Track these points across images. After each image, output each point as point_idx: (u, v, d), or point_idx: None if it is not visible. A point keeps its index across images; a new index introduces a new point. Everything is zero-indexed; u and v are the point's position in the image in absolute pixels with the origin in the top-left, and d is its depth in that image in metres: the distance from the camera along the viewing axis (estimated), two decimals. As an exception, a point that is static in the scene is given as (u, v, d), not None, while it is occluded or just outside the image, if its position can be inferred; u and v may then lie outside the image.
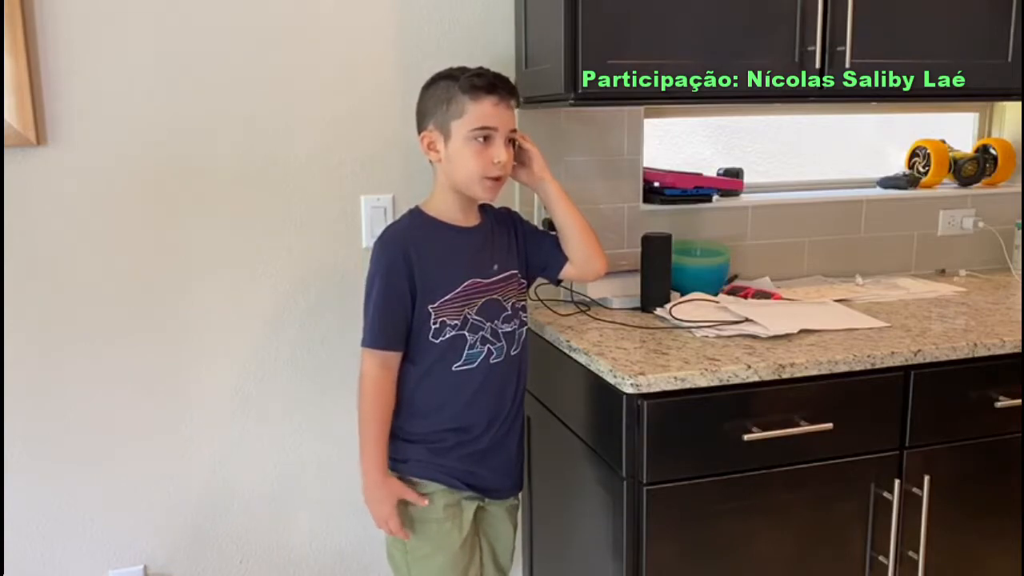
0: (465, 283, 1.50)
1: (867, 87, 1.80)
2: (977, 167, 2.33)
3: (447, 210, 1.54)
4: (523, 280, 1.61)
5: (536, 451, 1.91)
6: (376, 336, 1.48)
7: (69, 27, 1.67)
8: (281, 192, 1.85)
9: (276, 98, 1.81)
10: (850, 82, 1.77)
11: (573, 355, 1.65)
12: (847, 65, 1.74)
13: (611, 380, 1.49)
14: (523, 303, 1.60)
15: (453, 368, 1.51)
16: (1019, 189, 2.36)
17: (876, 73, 1.79)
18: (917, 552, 1.67)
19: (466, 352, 1.51)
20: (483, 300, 1.52)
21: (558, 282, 1.70)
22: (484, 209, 1.59)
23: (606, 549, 1.60)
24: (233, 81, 1.78)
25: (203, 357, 1.86)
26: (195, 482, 1.90)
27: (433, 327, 1.49)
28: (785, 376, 1.52)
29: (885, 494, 1.63)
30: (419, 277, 1.48)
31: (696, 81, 1.70)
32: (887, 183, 2.34)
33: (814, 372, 1.54)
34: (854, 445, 1.62)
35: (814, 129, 2.36)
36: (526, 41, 1.86)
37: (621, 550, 1.54)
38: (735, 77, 1.72)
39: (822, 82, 1.76)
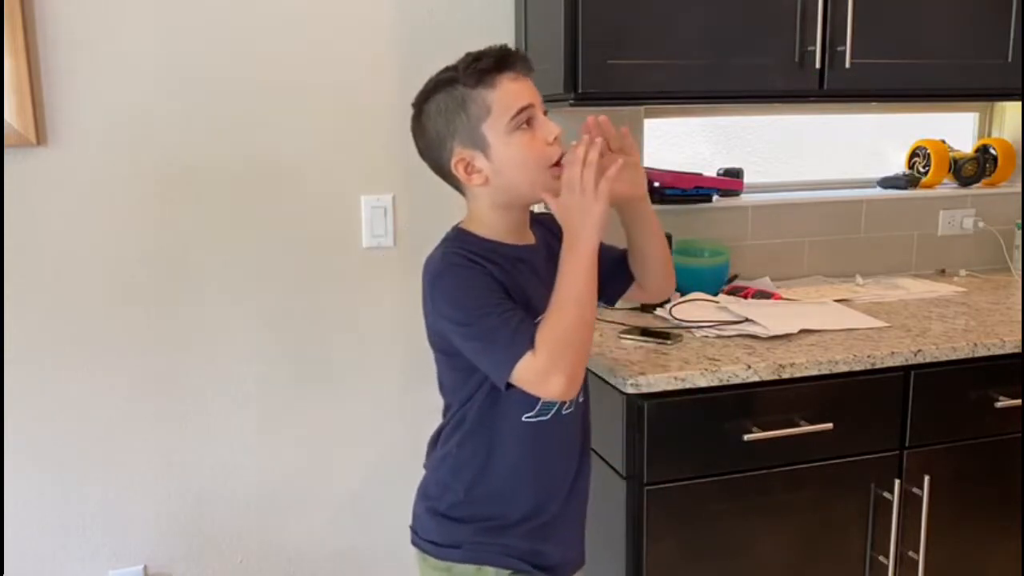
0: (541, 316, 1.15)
1: (867, 87, 1.80)
2: (977, 167, 2.33)
3: (502, 231, 1.22)
4: None
5: (536, 451, 1.91)
6: (517, 342, 1.10)
7: (69, 27, 1.67)
8: (281, 192, 1.85)
9: (276, 98, 1.81)
10: (850, 82, 1.77)
11: (573, 355, 1.65)
12: (847, 65, 1.74)
13: (611, 380, 1.49)
14: None
15: (523, 419, 1.23)
16: (1019, 189, 2.36)
17: (876, 73, 1.79)
18: (917, 552, 1.67)
19: (541, 401, 1.22)
20: None
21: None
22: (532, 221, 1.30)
23: (606, 549, 1.60)
24: (233, 81, 1.78)
25: (203, 357, 1.86)
26: (195, 482, 1.90)
27: None
28: (785, 376, 1.52)
29: (885, 494, 1.63)
30: None
31: (696, 81, 1.70)
32: (887, 183, 2.34)
33: (814, 372, 1.54)
34: (854, 445, 1.62)
35: (814, 129, 2.36)
36: (526, 41, 1.86)
37: (621, 550, 1.54)
38: (735, 77, 1.72)
39: (822, 82, 1.76)
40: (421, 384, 1.97)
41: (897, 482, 1.63)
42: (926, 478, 1.64)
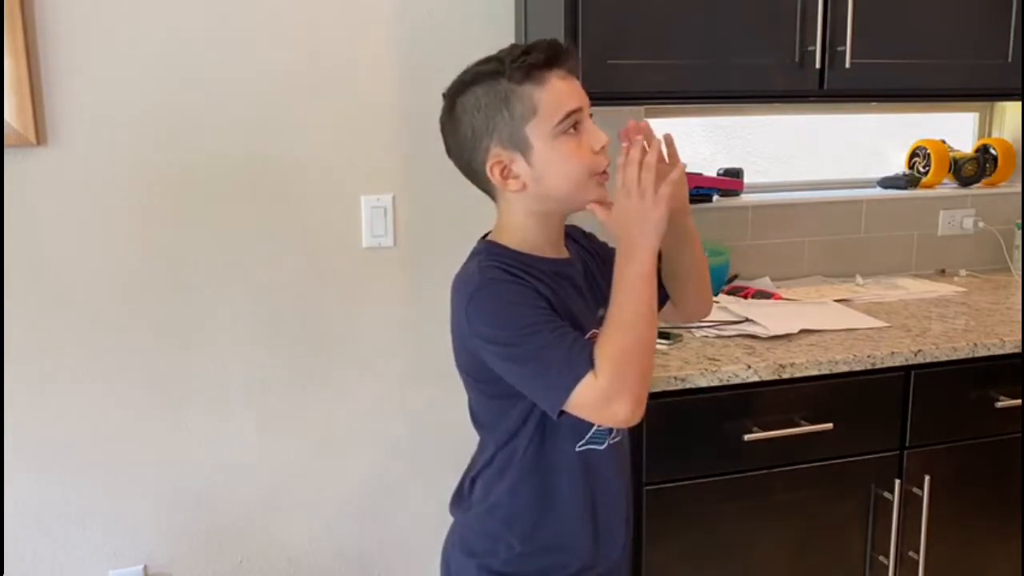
0: (588, 335, 1.07)
1: (867, 87, 1.80)
2: (977, 167, 2.33)
3: (538, 243, 1.12)
4: None
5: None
6: (575, 363, 0.99)
7: (69, 27, 1.67)
8: (281, 192, 1.84)
9: (276, 98, 1.81)
10: (850, 82, 1.77)
11: (573, 355, 1.65)
12: (847, 65, 1.74)
13: (611, 380, 1.49)
14: None
15: (576, 449, 1.12)
16: (1019, 189, 2.36)
17: (876, 73, 1.79)
18: (917, 552, 1.67)
19: (594, 427, 1.12)
20: None
21: None
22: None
23: (606, 549, 1.60)
24: (233, 81, 1.78)
25: (203, 357, 1.86)
26: (195, 482, 1.90)
27: None
28: (785, 376, 1.52)
29: (885, 494, 1.64)
30: None
31: (696, 81, 1.70)
32: (887, 183, 2.34)
33: (814, 372, 1.54)
34: (854, 445, 1.62)
35: (814, 129, 2.36)
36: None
37: (621, 550, 1.54)
38: (735, 77, 1.72)
39: (822, 82, 1.76)
40: (421, 384, 1.97)
41: (897, 482, 1.63)
42: (926, 478, 1.64)
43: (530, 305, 1.03)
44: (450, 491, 1.24)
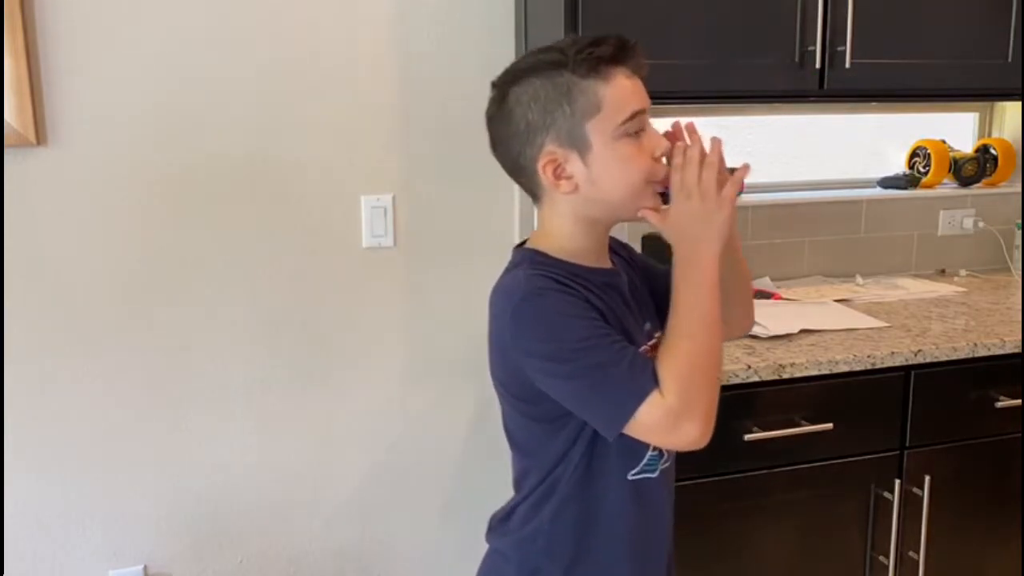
0: (640, 350, 1.00)
1: (867, 87, 1.80)
2: (977, 167, 2.33)
3: (585, 251, 1.03)
4: None
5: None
6: (638, 379, 0.92)
7: (69, 27, 1.67)
8: (281, 192, 1.84)
9: (276, 98, 1.81)
10: (850, 82, 1.77)
11: (573, 355, 1.65)
12: (847, 65, 1.74)
13: (611, 380, 1.49)
14: None
15: (629, 476, 1.04)
16: (1019, 189, 2.36)
17: (876, 73, 1.79)
18: (917, 552, 1.67)
19: (648, 453, 1.03)
20: None
21: None
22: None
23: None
24: (233, 81, 1.78)
25: (203, 357, 1.86)
26: (195, 482, 1.90)
27: None
28: (785, 376, 1.52)
29: (885, 494, 1.64)
30: None
31: (696, 81, 1.70)
32: (887, 183, 2.34)
33: (814, 372, 1.54)
34: (854, 445, 1.62)
35: (814, 129, 2.36)
36: (526, 42, 1.86)
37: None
38: (736, 77, 1.72)
39: (822, 82, 1.76)
40: (421, 384, 1.97)
41: (897, 482, 1.63)
42: (926, 478, 1.64)
43: (583, 317, 0.95)
44: (450, 491, 1.23)
